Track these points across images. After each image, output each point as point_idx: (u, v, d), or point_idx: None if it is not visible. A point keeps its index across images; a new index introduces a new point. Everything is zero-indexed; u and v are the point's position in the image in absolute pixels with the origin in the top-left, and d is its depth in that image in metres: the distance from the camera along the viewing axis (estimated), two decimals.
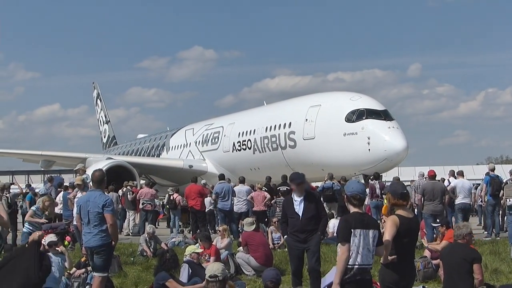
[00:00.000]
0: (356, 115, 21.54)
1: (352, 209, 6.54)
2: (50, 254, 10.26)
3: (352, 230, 6.27)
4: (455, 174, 20.08)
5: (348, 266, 6.26)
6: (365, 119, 21.33)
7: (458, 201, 17.94)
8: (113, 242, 8.96)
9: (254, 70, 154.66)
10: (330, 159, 21.87)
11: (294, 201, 9.66)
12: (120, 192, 23.27)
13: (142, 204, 21.52)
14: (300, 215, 9.48)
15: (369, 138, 20.78)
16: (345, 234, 6.30)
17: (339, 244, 6.36)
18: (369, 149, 20.65)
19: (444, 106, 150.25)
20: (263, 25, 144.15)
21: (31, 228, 12.60)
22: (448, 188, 17.97)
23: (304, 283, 9.92)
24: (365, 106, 21.91)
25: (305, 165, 22.35)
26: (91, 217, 8.75)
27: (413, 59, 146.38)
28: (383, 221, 11.39)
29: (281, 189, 19.94)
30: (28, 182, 40.96)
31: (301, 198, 9.59)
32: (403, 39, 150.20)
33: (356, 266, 6.27)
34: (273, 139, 25.23)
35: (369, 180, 20.40)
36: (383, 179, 23.62)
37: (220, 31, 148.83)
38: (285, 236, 9.82)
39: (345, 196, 6.70)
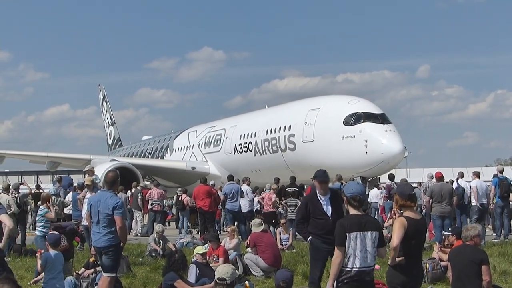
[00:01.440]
0: (354, 119, 22.03)
1: (351, 211, 6.52)
2: (50, 251, 10.33)
3: (347, 234, 6.26)
4: (462, 176, 20.03)
5: (347, 269, 6.27)
6: (363, 122, 21.84)
7: (478, 201, 17.80)
8: (121, 243, 8.99)
9: (263, 71, 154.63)
10: (329, 162, 22.06)
11: (320, 200, 9.05)
12: (128, 193, 23.38)
13: (151, 204, 21.59)
14: (330, 216, 8.90)
15: (366, 141, 21.24)
16: (340, 238, 6.30)
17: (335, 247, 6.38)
18: (366, 152, 21.10)
19: (453, 108, 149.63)
20: (272, 26, 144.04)
21: (45, 230, 12.63)
22: (472, 189, 17.92)
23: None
24: (363, 109, 22.38)
25: (304, 167, 22.84)
26: (101, 217, 8.73)
27: (422, 61, 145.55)
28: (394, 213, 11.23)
29: (289, 190, 20.00)
30: (37, 183, 41.07)
31: (327, 197, 9.06)
32: (412, 40, 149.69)
33: (355, 269, 6.27)
34: (274, 141, 25.73)
35: (366, 182, 20.65)
36: (382, 181, 23.89)
37: (229, 32, 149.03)
38: (310, 238, 9.08)
39: (344, 197, 6.67)
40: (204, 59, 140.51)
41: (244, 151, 27.84)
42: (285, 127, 25.15)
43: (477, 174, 18.45)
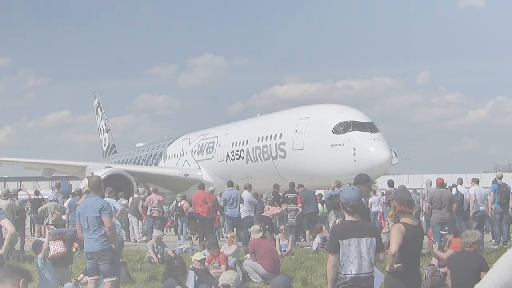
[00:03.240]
0: (343, 127, 22.50)
1: (346, 217, 6.47)
2: (40, 257, 10.29)
3: (340, 241, 6.19)
4: (461, 182, 20.04)
5: (343, 275, 6.18)
6: (352, 131, 22.31)
7: (476, 208, 17.82)
8: (113, 246, 8.98)
9: (264, 77, 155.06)
10: (318, 169, 22.72)
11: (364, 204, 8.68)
12: (130, 199, 23.41)
13: (150, 210, 21.56)
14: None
15: (355, 149, 21.72)
16: (331, 245, 6.31)
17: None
18: (354, 160, 21.53)
19: (453, 114, 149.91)
20: (273, 33, 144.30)
21: None
22: (470, 196, 17.94)
23: None
24: (352, 118, 22.86)
25: (294, 175, 23.24)
26: (90, 222, 8.81)
27: (422, 67, 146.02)
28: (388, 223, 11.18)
29: (288, 196, 19.99)
30: (36, 189, 41.12)
31: (365, 201, 8.76)
32: (412, 47, 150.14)
33: (351, 276, 6.16)
34: (265, 149, 26.15)
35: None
36: (381, 188, 23.90)
37: (230, 38, 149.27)
38: None
39: (339, 203, 6.64)
40: (204, 65, 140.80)
41: (236, 158, 28.24)
42: (276, 135, 25.59)
43: (476, 181, 18.46)
